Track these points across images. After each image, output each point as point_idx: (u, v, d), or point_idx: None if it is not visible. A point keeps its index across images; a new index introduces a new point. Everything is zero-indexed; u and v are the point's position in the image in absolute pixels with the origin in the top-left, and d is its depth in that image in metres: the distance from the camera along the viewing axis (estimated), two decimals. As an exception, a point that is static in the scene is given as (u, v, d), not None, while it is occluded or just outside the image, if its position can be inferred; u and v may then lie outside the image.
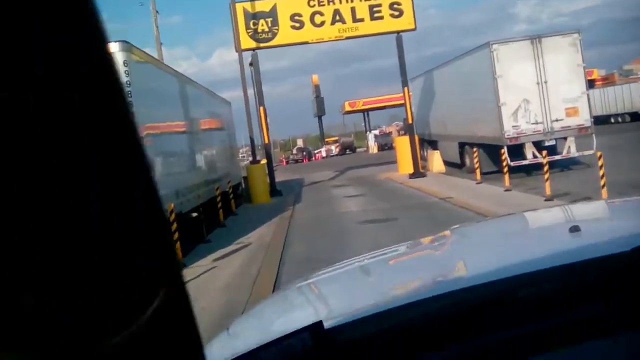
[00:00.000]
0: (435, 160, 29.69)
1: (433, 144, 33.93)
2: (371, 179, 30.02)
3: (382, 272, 2.75)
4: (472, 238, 3.21)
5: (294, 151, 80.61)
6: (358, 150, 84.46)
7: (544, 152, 17.53)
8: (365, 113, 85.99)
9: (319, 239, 14.37)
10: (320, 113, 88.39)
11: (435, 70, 31.79)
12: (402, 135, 63.41)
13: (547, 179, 16.43)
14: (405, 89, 27.77)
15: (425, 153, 34.04)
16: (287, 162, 73.48)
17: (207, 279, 11.62)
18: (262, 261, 12.61)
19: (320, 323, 1.40)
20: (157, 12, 34.89)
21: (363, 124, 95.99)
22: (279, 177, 41.54)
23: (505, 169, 19.41)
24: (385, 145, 73.08)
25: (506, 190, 18.74)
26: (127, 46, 13.59)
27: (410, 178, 26.79)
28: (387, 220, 15.83)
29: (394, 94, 76.96)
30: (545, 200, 15.99)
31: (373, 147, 72.69)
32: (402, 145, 29.94)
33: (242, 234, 16.42)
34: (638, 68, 78.26)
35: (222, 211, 19.02)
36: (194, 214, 17.45)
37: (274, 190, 27.11)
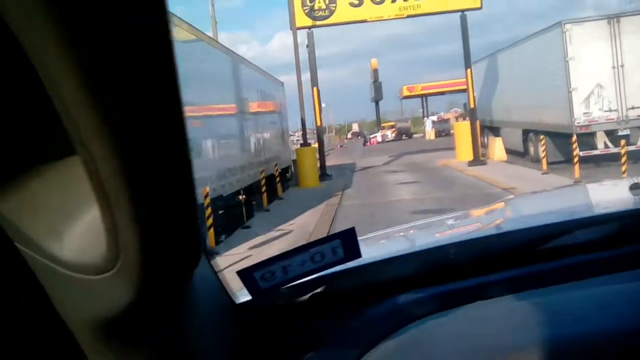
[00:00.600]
0: (497, 148, 27.90)
1: (494, 131, 32.08)
2: (427, 165, 28.41)
3: (422, 237, 2.68)
4: (525, 205, 3.14)
5: (349, 135, 79.18)
6: (415, 136, 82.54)
7: (622, 142, 15.65)
8: (424, 98, 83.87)
9: (365, 231, 12.89)
10: (377, 97, 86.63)
11: (500, 52, 29.88)
12: (461, 121, 61.24)
13: (625, 172, 14.64)
14: (468, 70, 26.01)
15: (486, 140, 32.27)
16: (341, 147, 72.14)
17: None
18: (302, 252, 11.28)
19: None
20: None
21: (420, 110, 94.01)
22: (331, 161, 40.33)
23: (576, 159, 17.60)
24: (443, 131, 71.24)
25: (575, 182, 16.98)
26: (173, 19, 12.39)
27: (469, 165, 25.12)
28: (443, 212, 14.30)
29: (454, 80, 75.15)
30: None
31: (430, 133, 70.72)
32: (462, 131, 28.25)
33: (285, 220, 15.11)
34: None
35: (266, 195, 17.75)
36: (240, 197, 16.30)
37: (324, 174, 25.75)
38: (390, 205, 16.34)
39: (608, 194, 2.91)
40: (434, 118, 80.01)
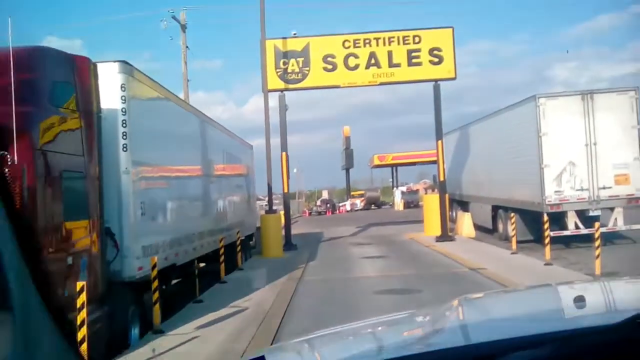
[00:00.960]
0: (466, 223, 27.24)
1: (463, 205, 31.53)
2: (394, 239, 27.60)
3: (377, 335, 2.72)
4: (477, 309, 3.23)
5: (318, 203, 78.33)
6: (384, 206, 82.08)
7: (597, 224, 14.96)
8: (394, 168, 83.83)
9: (326, 311, 11.94)
10: (348, 165, 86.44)
11: (471, 125, 29.57)
12: (430, 193, 60.54)
13: (598, 256, 13.90)
14: (440, 142, 25.50)
15: (454, 214, 31.70)
16: (309, 214, 71.27)
17: (180, 355, 9.29)
18: (253, 335, 10.26)
19: None
20: (187, 47, 33.26)
21: (391, 180, 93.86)
22: (297, 229, 39.41)
23: (547, 240, 16.87)
24: (412, 202, 70.86)
25: (546, 265, 16.23)
26: (128, 68, 11.55)
27: (437, 241, 24.36)
28: (408, 292, 13.42)
29: (424, 150, 75.21)
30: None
31: (399, 203, 70.27)
32: (431, 204, 27.58)
33: (241, 295, 14.07)
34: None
35: (224, 265, 16.70)
36: (195, 267, 15.28)
37: (289, 243, 24.80)
38: (354, 283, 15.40)
39: (564, 302, 3.02)
40: (404, 189, 79.74)
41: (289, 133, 25.58)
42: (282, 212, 25.91)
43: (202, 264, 16.52)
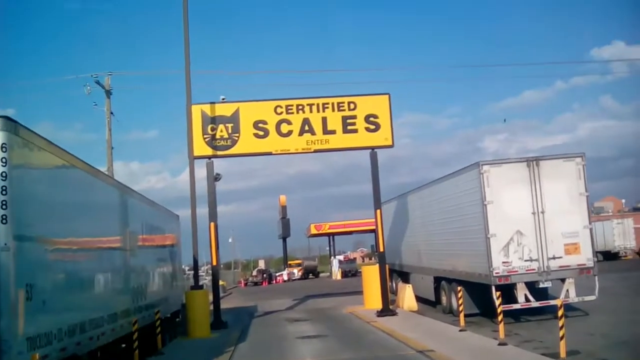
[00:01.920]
0: (407, 296, 25.39)
1: (404, 276, 29.80)
2: (333, 313, 25.52)
3: None
4: None
5: (254, 273, 75.70)
6: (322, 275, 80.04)
7: (559, 301, 13.21)
8: (331, 237, 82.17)
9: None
10: (285, 234, 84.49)
11: (410, 194, 28.07)
12: (368, 263, 58.58)
13: (563, 337, 12.12)
14: (378, 211, 23.78)
15: (394, 285, 29.91)
16: (245, 284, 68.57)
17: None
18: None
19: None
20: (111, 113, 31.13)
21: (328, 248, 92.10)
22: (230, 303, 36.94)
23: (500, 317, 15.06)
24: (350, 271, 69.35)
25: (501, 344, 14.39)
26: (10, 125, 9.45)
27: (378, 316, 22.40)
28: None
29: (361, 219, 73.93)
30: (561, 364, 11.67)
31: (337, 273, 68.32)
32: (370, 276, 25.71)
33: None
34: (608, 206, 76.13)
35: (137, 353, 14.32)
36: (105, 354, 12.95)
37: (218, 321, 22.43)
38: (287, 372, 13.26)
39: None
40: (341, 257, 78.10)
41: (224, 202, 24.01)
42: (205, 290, 23.63)
43: (123, 345, 14.17)
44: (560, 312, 12.26)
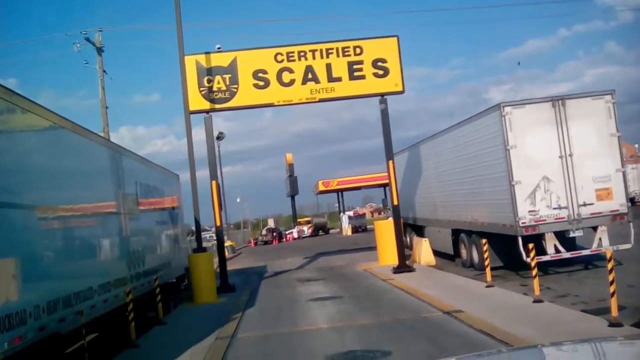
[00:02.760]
0: (424, 250, 23.82)
1: (418, 230, 28.24)
2: (346, 271, 23.98)
3: None
4: None
5: (264, 232, 74.35)
6: (332, 231, 78.78)
7: (608, 252, 11.47)
8: (339, 193, 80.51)
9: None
10: (293, 192, 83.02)
11: (423, 143, 26.31)
12: (379, 217, 56.88)
13: (614, 293, 10.43)
14: (390, 163, 22.04)
15: (409, 240, 28.35)
16: (255, 244, 67.31)
17: None
18: None
19: None
20: (104, 71, 29.29)
21: (337, 205, 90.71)
22: (240, 264, 35.51)
23: (535, 271, 13.41)
24: (360, 227, 68.16)
25: (536, 302, 12.80)
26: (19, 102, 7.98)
27: (395, 272, 20.85)
28: (373, 357, 9.79)
29: (369, 174, 72.28)
30: (610, 325, 10.03)
31: (347, 229, 66.95)
32: (384, 231, 24.13)
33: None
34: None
35: (134, 325, 12.78)
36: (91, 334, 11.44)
37: (225, 284, 20.93)
38: (301, 342, 11.61)
39: None
40: (350, 213, 76.67)
41: (231, 163, 22.37)
42: (210, 252, 22.09)
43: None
44: (609, 265, 10.56)
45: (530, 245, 13.81)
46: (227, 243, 51.74)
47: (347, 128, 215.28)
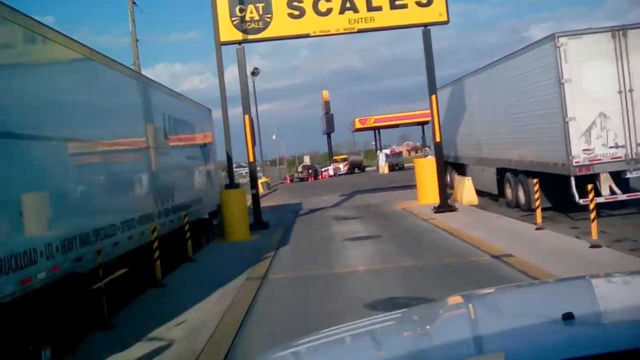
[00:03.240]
0: (467, 189, 22.67)
1: (459, 168, 27.02)
2: (384, 210, 23.01)
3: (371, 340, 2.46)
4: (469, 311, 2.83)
5: (299, 168, 73.55)
6: (368, 169, 77.73)
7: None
8: (377, 131, 79.11)
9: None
10: (329, 130, 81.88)
11: (468, 77, 24.88)
12: (416, 156, 55.81)
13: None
14: (433, 97, 20.75)
15: (449, 178, 27.21)
16: (291, 180, 66.65)
17: None
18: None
19: None
20: (134, 2, 28.14)
21: (373, 143, 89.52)
22: (275, 200, 34.78)
23: (593, 214, 12.26)
24: (397, 165, 66.98)
25: (593, 247, 11.71)
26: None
27: (436, 212, 19.83)
28: (418, 302, 8.86)
29: (407, 112, 70.70)
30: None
31: (384, 167, 65.77)
32: (425, 169, 23.03)
33: (174, 313, 9.48)
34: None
35: (159, 263, 12.02)
36: (112, 275, 10.72)
37: (259, 221, 20.15)
38: (336, 285, 10.73)
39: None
40: (387, 151, 75.37)
41: (267, 101, 20.98)
42: (242, 188, 21.26)
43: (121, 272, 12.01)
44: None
45: (590, 186, 12.64)
46: (262, 179, 51.08)
47: (384, 66, 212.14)
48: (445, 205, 20.19)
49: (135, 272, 11.79)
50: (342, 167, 73.92)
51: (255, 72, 57.06)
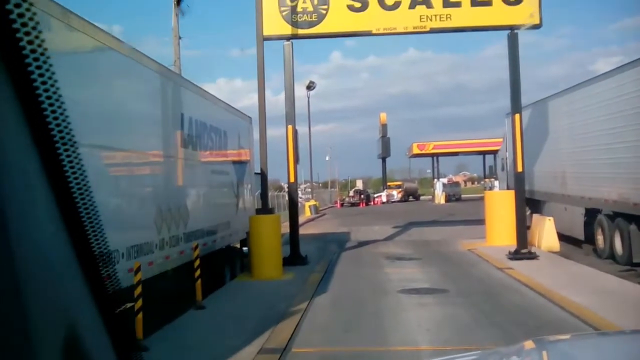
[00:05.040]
0: (547, 232, 18.63)
1: (534, 206, 23.03)
2: (447, 250, 19.17)
3: None
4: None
5: (351, 193, 69.85)
6: (422, 198, 73.75)
7: None
8: (434, 158, 75.00)
9: None
10: (385, 154, 78.22)
11: (552, 99, 21.04)
12: (474, 188, 51.45)
13: None
14: (516, 116, 16.89)
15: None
16: (342, 205, 63.08)
17: None
18: None
19: None
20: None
21: (429, 171, 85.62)
22: (320, 227, 31.18)
23: None
24: (454, 195, 63.22)
25: None
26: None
27: (512, 258, 15.96)
28: None
29: (466, 140, 66.74)
30: None
31: (440, 197, 61.66)
32: (498, 204, 19.15)
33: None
34: None
35: (140, 318, 8.53)
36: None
37: (295, 255, 16.57)
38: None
39: None
40: (445, 180, 71.29)
41: (323, 121, 17.39)
42: (278, 214, 17.71)
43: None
44: None
45: None
46: (310, 202, 47.79)
47: (445, 92, 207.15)
48: (525, 250, 16.29)
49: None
50: (396, 194, 70.18)
51: (311, 86, 54.29)
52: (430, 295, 11.76)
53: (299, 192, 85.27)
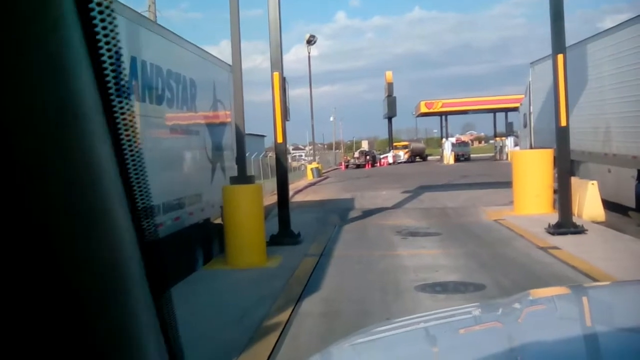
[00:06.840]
0: (589, 199, 15.24)
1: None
2: (470, 221, 15.81)
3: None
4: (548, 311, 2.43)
5: (356, 154, 66.35)
6: (430, 158, 70.50)
7: None
8: (443, 117, 71.36)
9: None
10: (390, 114, 74.68)
11: (592, 41, 17.57)
12: (481, 147, 48.56)
13: None
14: (560, 57, 13.37)
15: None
16: (346, 167, 59.76)
17: None
18: None
19: None
20: None
21: (435, 131, 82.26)
22: (320, 193, 27.87)
23: None
24: (463, 155, 59.93)
25: None
26: None
27: (553, 233, 12.64)
28: None
29: (476, 97, 63.11)
30: None
31: (449, 157, 58.23)
32: (529, 166, 15.90)
33: None
34: None
35: None
36: None
37: (285, 232, 13.27)
38: None
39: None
40: (453, 140, 67.78)
41: (329, 83, 14.15)
42: (259, 183, 14.36)
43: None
44: None
45: None
46: (312, 165, 44.69)
47: (450, 52, 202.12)
48: (568, 223, 12.96)
49: None
50: (403, 155, 66.84)
51: (311, 40, 50.95)
52: (461, 294, 8.47)
53: (302, 154, 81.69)
